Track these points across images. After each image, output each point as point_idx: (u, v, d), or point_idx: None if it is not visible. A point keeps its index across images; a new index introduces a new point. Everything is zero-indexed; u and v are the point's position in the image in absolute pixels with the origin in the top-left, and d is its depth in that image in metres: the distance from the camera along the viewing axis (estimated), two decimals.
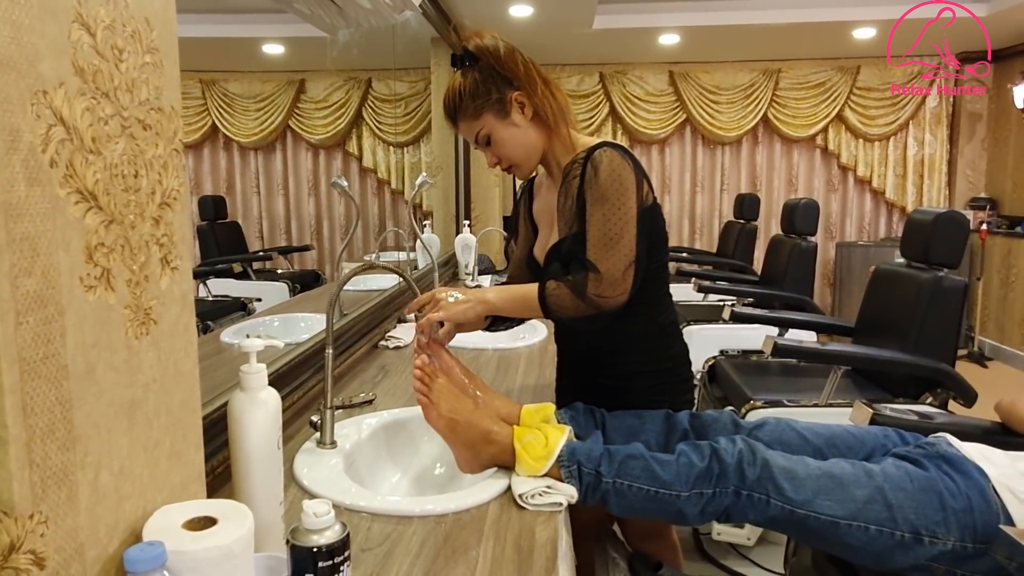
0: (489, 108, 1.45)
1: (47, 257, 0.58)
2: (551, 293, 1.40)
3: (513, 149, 1.48)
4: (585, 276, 1.37)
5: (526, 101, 1.46)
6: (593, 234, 1.38)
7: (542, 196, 1.63)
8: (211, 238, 2.07)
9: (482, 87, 1.44)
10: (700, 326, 3.54)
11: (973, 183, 5.86)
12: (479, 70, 1.44)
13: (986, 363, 5.30)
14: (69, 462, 0.61)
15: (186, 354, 0.80)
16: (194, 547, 0.66)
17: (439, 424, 1.28)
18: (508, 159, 1.50)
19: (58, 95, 0.60)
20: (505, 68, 1.44)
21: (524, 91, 1.45)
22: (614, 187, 1.37)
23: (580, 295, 1.37)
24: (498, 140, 1.47)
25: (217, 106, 2.22)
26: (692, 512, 1.23)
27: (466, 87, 1.45)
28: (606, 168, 1.37)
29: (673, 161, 6.03)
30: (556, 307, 1.40)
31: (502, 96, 1.44)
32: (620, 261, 1.36)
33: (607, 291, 1.36)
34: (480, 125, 1.47)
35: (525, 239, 1.67)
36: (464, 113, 1.47)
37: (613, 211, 1.37)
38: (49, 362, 0.59)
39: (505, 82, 1.44)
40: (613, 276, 1.36)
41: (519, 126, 1.47)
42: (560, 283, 1.40)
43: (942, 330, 2.44)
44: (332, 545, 0.79)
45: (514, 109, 1.45)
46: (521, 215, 1.69)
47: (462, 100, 1.46)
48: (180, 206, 0.79)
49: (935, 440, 1.35)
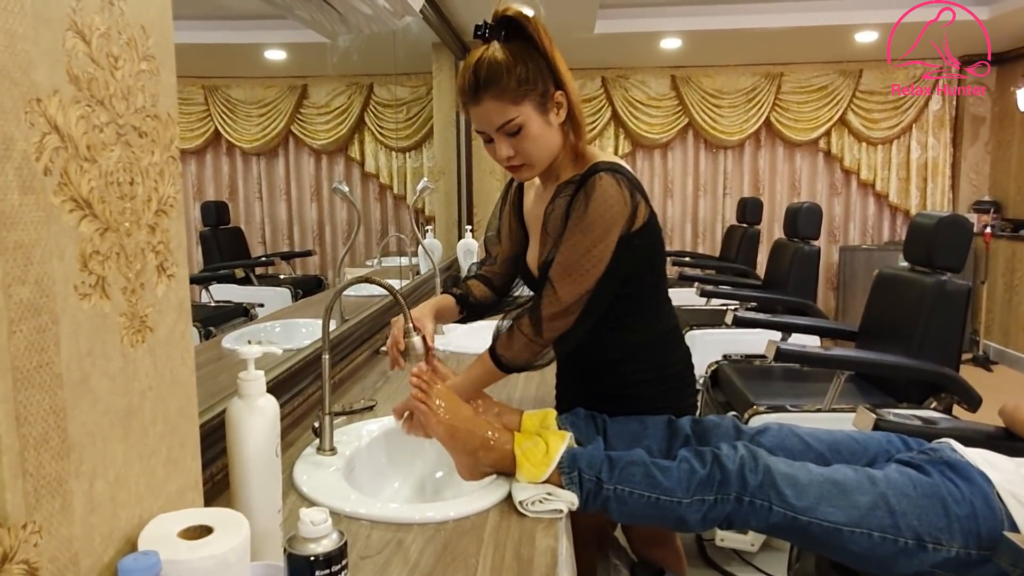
0: (532, 97, 1.30)
1: (41, 265, 0.58)
2: (505, 353, 1.40)
3: (540, 149, 1.36)
4: (539, 305, 1.37)
5: (563, 102, 1.35)
6: (565, 258, 1.35)
7: (536, 199, 1.57)
8: (213, 243, 2.07)
9: (531, 72, 1.29)
10: (703, 331, 3.54)
11: (977, 186, 5.85)
12: (523, 50, 1.30)
13: (991, 367, 5.28)
14: (63, 471, 0.61)
15: (183, 361, 0.80)
16: (189, 556, 0.66)
17: (439, 431, 1.27)
18: (526, 157, 1.36)
19: (52, 103, 0.59)
20: (552, 57, 1.31)
21: (565, 92, 1.34)
22: (600, 221, 1.32)
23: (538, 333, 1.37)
24: (531, 135, 1.33)
25: (220, 112, 2.23)
26: (694, 519, 1.22)
27: (512, 64, 1.28)
28: (599, 198, 1.32)
29: (675, 165, 6.03)
30: (511, 360, 1.40)
31: (547, 90, 1.32)
32: (578, 292, 1.35)
33: (558, 314, 1.36)
34: (517, 112, 1.30)
35: (512, 237, 1.63)
36: (501, 93, 1.29)
37: (593, 245, 1.33)
38: (43, 371, 0.58)
39: (551, 75, 1.32)
40: (567, 303, 1.35)
41: (552, 127, 1.36)
42: (511, 334, 1.39)
43: (946, 334, 2.43)
44: (329, 554, 0.78)
45: (552, 108, 1.34)
46: (509, 213, 1.63)
47: (504, 77, 1.28)
48: (176, 213, 0.78)
49: (939, 446, 1.34)
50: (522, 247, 1.61)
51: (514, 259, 1.63)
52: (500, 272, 1.66)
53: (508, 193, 1.65)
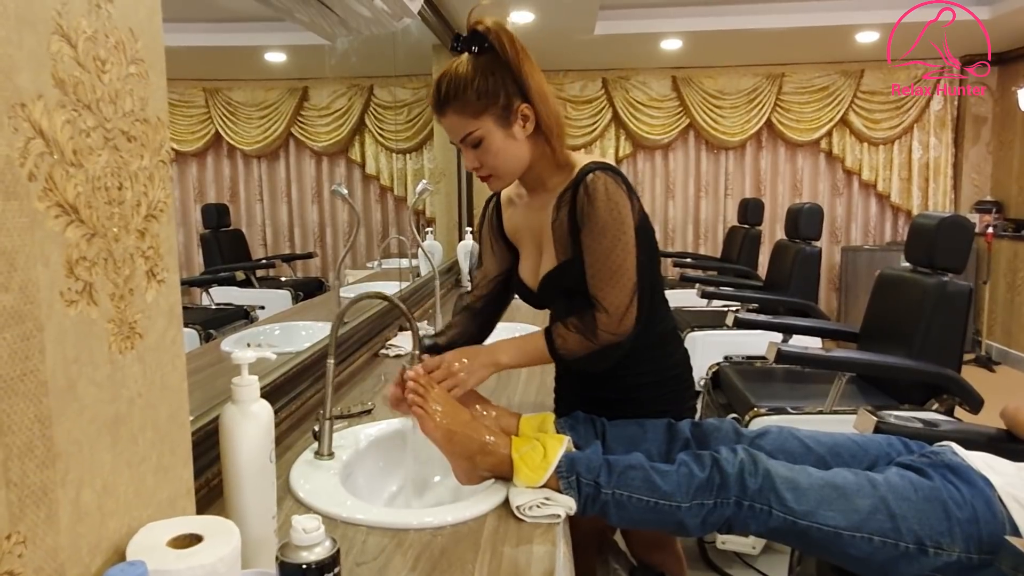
0: (492, 111, 1.31)
1: (25, 272, 0.57)
2: (560, 341, 1.38)
3: (503, 162, 1.36)
4: (593, 316, 1.35)
5: (531, 115, 1.33)
6: (596, 268, 1.34)
7: (518, 213, 1.54)
8: (214, 246, 2.07)
9: (492, 85, 1.29)
10: (704, 332, 3.53)
11: (979, 186, 5.83)
12: (489, 63, 1.30)
13: (994, 367, 5.26)
14: (49, 480, 0.60)
15: (173, 368, 0.79)
16: (177, 565, 0.65)
17: (436, 435, 1.27)
18: (491, 169, 1.37)
19: (37, 108, 0.59)
20: (519, 70, 1.31)
21: (532, 104, 1.33)
22: (612, 217, 1.31)
23: (591, 337, 1.35)
24: (492, 149, 1.34)
25: (220, 114, 2.23)
26: (693, 523, 1.21)
27: (472, 78, 1.29)
28: (602, 197, 1.31)
29: (677, 166, 6.02)
30: (566, 351, 1.38)
31: (510, 104, 1.31)
32: (624, 295, 1.34)
33: (614, 327, 1.34)
34: (476, 126, 1.32)
35: (497, 257, 1.59)
36: (462, 107, 1.30)
37: (614, 243, 1.32)
38: (27, 379, 0.58)
39: (515, 87, 1.31)
40: (619, 311, 1.34)
41: (517, 140, 1.35)
42: (567, 328, 1.37)
43: (947, 335, 2.42)
44: (322, 562, 0.77)
45: (517, 121, 1.33)
46: (490, 234, 1.60)
47: (464, 91, 1.29)
48: (167, 218, 0.78)
49: (940, 449, 1.33)
50: (509, 264, 1.59)
51: (499, 278, 1.61)
52: (484, 294, 1.61)
53: (486, 213, 1.62)
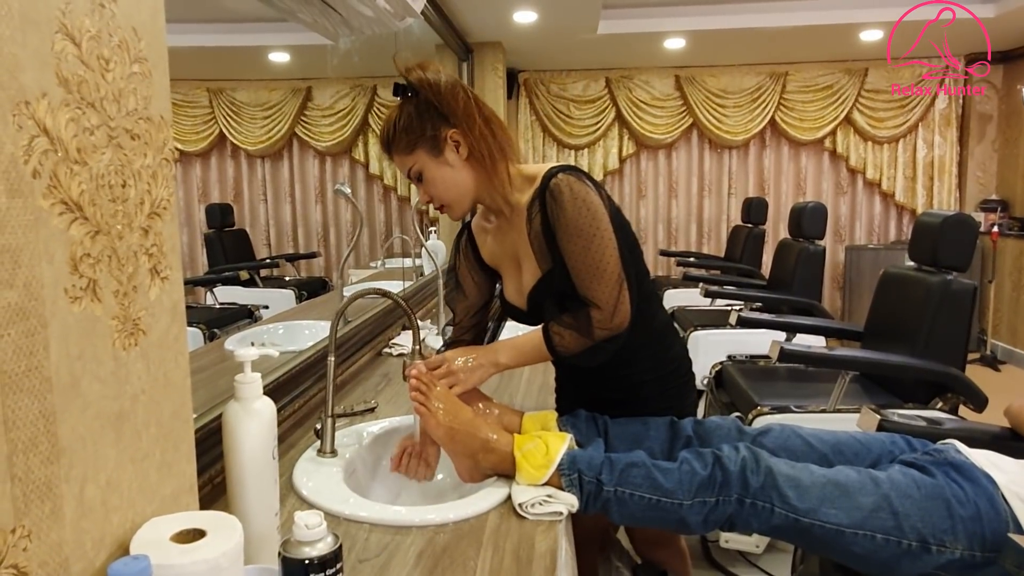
0: (422, 144, 1.37)
1: (29, 269, 0.58)
2: (557, 339, 1.39)
3: (445, 189, 1.41)
4: (587, 313, 1.37)
5: (461, 140, 1.38)
6: (579, 268, 1.36)
7: (492, 239, 1.56)
8: (218, 246, 2.08)
9: (416, 121, 1.37)
10: (707, 331, 3.52)
11: (984, 185, 5.81)
12: (416, 103, 1.37)
13: (999, 366, 5.24)
14: (53, 475, 0.61)
15: (176, 364, 0.80)
16: (181, 560, 0.66)
17: (438, 433, 1.27)
18: (439, 199, 1.42)
19: (41, 106, 0.59)
20: (443, 103, 1.36)
21: (460, 129, 1.37)
22: (583, 215, 1.33)
23: (587, 333, 1.37)
24: (429, 179, 1.40)
25: (224, 114, 2.23)
26: (695, 521, 1.21)
27: (401, 120, 1.38)
28: (568, 197, 1.34)
29: (680, 165, 6.01)
30: (564, 349, 1.40)
31: (436, 133, 1.37)
32: (612, 288, 1.35)
33: (608, 321, 1.36)
34: (412, 161, 1.39)
35: (479, 288, 1.60)
36: (397, 147, 1.39)
37: (589, 241, 1.34)
38: (31, 375, 0.58)
39: (441, 118, 1.36)
40: (610, 305, 1.35)
41: (452, 166, 1.39)
42: (564, 326, 1.39)
43: (951, 334, 2.41)
44: (324, 557, 0.78)
45: (448, 148, 1.38)
46: (467, 266, 1.60)
47: (396, 133, 1.38)
48: (170, 216, 0.78)
49: (943, 447, 1.33)
50: (491, 291, 1.60)
51: (484, 308, 1.62)
52: (470, 326, 1.61)
53: (460, 246, 1.62)
